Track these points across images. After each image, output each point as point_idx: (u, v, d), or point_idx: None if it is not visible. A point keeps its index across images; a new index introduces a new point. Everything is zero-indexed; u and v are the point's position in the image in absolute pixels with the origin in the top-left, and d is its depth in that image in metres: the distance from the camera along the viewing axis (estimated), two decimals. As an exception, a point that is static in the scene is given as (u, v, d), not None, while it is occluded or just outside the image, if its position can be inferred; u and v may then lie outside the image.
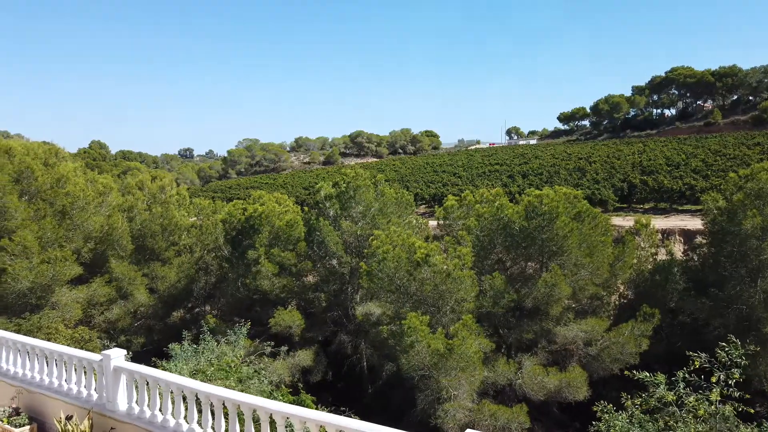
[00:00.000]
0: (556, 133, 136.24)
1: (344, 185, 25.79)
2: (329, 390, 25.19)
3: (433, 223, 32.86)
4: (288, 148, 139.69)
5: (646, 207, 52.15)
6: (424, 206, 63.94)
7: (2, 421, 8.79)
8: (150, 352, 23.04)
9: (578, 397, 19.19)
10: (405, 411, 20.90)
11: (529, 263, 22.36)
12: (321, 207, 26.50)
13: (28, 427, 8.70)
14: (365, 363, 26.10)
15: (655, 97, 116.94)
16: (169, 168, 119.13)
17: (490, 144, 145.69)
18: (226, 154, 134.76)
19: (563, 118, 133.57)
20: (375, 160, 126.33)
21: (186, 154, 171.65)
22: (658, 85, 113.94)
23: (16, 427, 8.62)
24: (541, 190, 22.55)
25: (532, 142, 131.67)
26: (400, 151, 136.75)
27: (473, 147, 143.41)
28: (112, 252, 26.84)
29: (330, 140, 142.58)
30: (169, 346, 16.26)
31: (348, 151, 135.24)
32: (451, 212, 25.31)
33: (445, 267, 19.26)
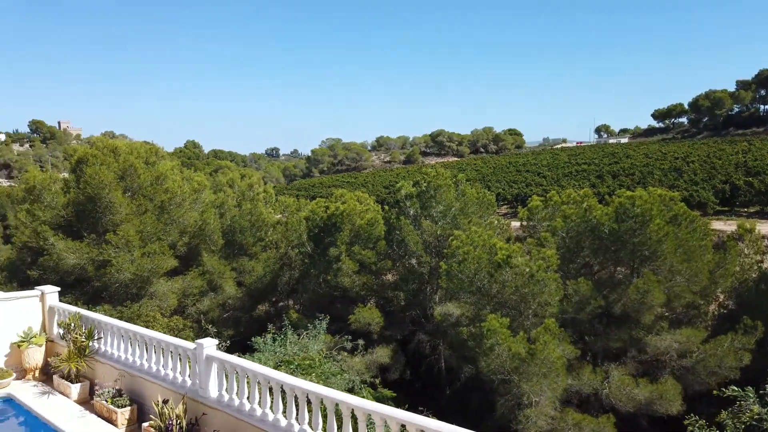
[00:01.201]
0: (650, 131, 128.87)
1: (425, 184, 25.74)
2: (406, 389, 25.24)
3: (515, 224, 32.12)
4: (369, 148, 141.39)
5: (751, 211, 48.25)
6: (506, 207, 62.66)
7: (107, 401, 9.50)
8: (237, 344, 24.11)
9: (671, 411, 18.05)
10: (484, 415, 20.56)
11: (619, 268, 21.30)
12: (401, 206, 26.59)
13: (129, 408, 9.34)
14: (443, 364, 25.93)
15: (763, 92, 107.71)
16: (256, 167, 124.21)
17: (577, 143, 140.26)
18: (309, 154, 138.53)
19: (658, 115, 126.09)
20: (456, 159, 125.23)
21: (272, 153, 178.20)
22: (766, 79, 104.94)
23: (118, 407, 9.29)
24: (632, 191, 21.40)
25: (624, 140, 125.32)
26: (482, 150, 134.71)
27: (559, 146, 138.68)
28: (204, 246, 28.30)
29: (410, 139, 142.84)
30: (253, 339, 16.95)
31: (428, 151, 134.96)
32: (535, 213, 24.59)
33: (527, 269, 18.74)
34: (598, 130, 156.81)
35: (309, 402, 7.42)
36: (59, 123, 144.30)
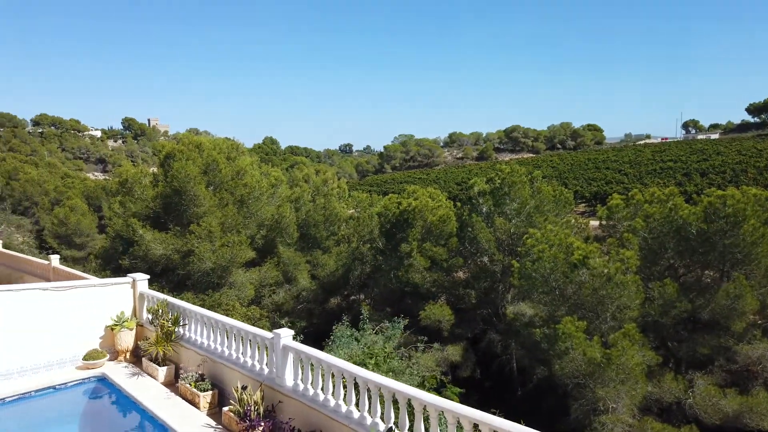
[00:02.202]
0: (744, 127, 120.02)
1: (498, 181, 25.30)
2: (476, 387, 24.98)
3: (594, 223, 30.91)
4: (441, 144, 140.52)
5: None
6: (584, 205, 60.51)
7: (190, 385, 10.02)
8: (310, 335, 24.76)
9: (762, 426, 16.84)
10: (556, 418, 19.99)
11: (707, 271, 20.08)
12: (474, 203, 26.28)
13: (210, 392, 9.81)
14: (515, 364, 25.44)
15: None
16: (330, 162, 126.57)
17: (662, 139, 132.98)
18: (382, 150, 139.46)
19: (753, 109, 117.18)
20: (531, 155, 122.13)
21: (345, 150, 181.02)
22: None
23: (201, 391, 9.78)
24: (723, 190, 20.07)
25: (714, 136, 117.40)
26: (559, 146, 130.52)
27: (642, 142, 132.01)
28: (280, 239, 29.20)
29: (484, 135, 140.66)
30: (335, 328, 17.32)
31: (502, 147, 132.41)
32: (615, 212, 23.57)
33: (605, 270, 18.02)
34: (685, 126, 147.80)
35: (381, 396, 7.50)
36: (149, 120, 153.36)
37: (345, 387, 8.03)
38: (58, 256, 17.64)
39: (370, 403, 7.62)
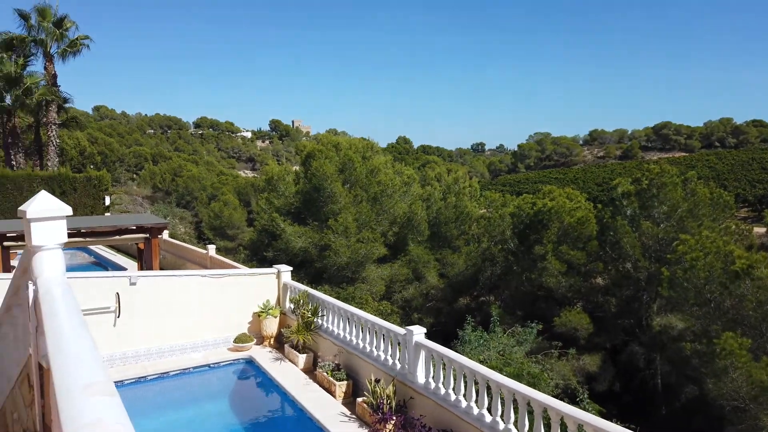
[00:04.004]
0: None
1: (646, 182, 23.46)
2: (615, 402, 23.41)
3: (759, 230, 27.52)
4: (581, 142, 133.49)
5: None
6: (746, 209, 54.21)
7: (327, 373, 10.50)
8: (437, 333, 24.81)
9: None
10: (708, 443, 18.13)
11: None
12: (617, 205, 24.65)
13: (345, 382, 10.21)
14: (659, 380, 23.45)
15: None
16: (462, 161, 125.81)
17: None
18: (516, 148, 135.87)
19: None
20: (683, 154, 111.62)
21: (477, 149, 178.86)
22: None
23: (337, 380, 10.21)
24: None
25: None
26: (717, 144, 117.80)
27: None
28: (411, 236, 29.60)
29: (629, 132, 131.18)
30: (463, 328, 17.21)
31: (650, 145, 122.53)
32: (787, 218, 20.76)
33: (775, 284, 15.93)
34: None
35: (515, 402, 7.28)
36: (293, 122, 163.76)
37: (477, 389, 7.92)
38: (214, 246, 19.42)
39: (502, 409, 7.43)
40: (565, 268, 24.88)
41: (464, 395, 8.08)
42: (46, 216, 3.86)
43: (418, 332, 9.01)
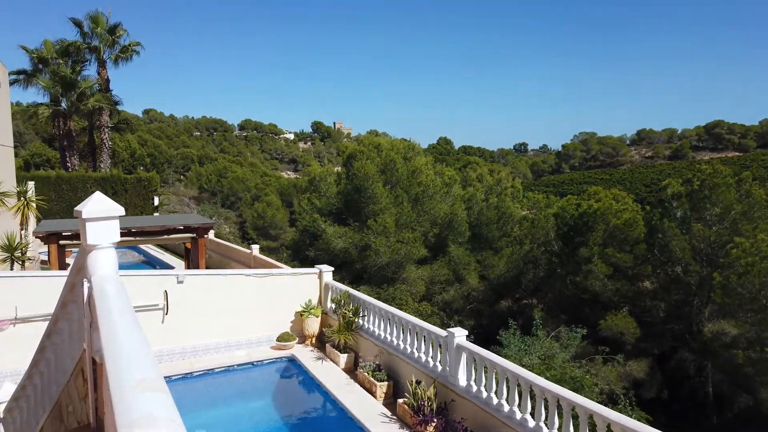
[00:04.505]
0: None
1: (697, 182, 22.64)
2: (663, 409, 22.68)
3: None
4: (628, 142, 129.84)
5: None
6: (805, 211, 51.50)
7: (368, 374, 10.54)
8: (478, 336, 24.58)
9: None
10: (763, 456, 17.34)
11: None
12: (666, 206, 23.88)
13: (386, 383, 10.22)
14: (711, 389, 22.57)
15: None
16: (504, 162, 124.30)
17: None
18: (559, 149, 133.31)
19: None
20: (737, 154, 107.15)
21: (520, 149, 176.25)
22: None
23: (377, 380, 10.23)
24: None
25: None
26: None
27: None
28: (451, 237, 29.42)
29: (679, 132, 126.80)
30: (503, 332, 17.00)
31: (701, 145, 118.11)
32: None
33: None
34: None
35: (559, 407, 7.13)
36: (334, 123, 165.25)
37: (519, 393, 7.79)
38: (257, 246, 19.76)
39: (546, 414, 7.30)
40: (612, 271, 24.26)
41: (506, 399, 7.97)
42: (101, 216, 4.01)
43: (460, 334, 8.94)
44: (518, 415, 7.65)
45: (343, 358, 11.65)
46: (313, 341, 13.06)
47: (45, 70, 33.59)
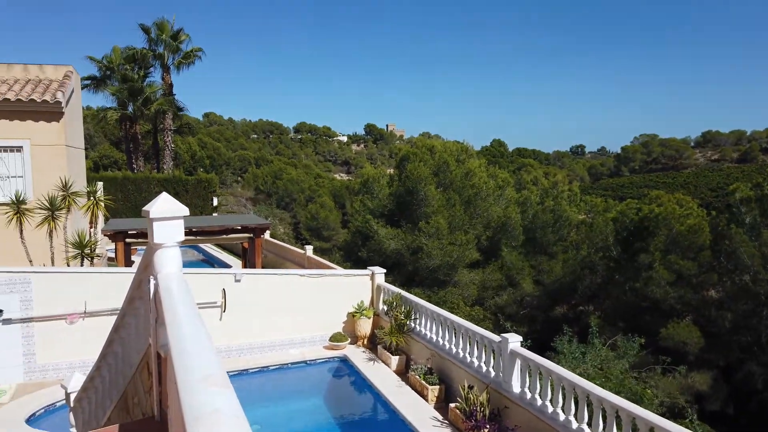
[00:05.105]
0: None
1: (769, 187, 21.43)
2: (728, 425, 21.56)
3: None
4: (692, 144, 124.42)
5: None
6: None
7: (420, 376, 10.52)
8: (531, 342, 24.05)
9: None
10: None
11: None
12: (734, 212, 22.75)
13: (438, 386, 10.17)
14: (783, 405, 21.28)
15: None
16: (560, 165, 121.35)
17: None
18: (618, 151, 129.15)
19: None
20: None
21: (577, 151, 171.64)
22: None
23: (429, 384, 10.20)
24: None
25: None
26: None
27: None
28: (505, 241, 28.96)
29: (748, 134, 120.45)
30: (557, 339, 16.58)
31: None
32: None
33: None
34: None
35: (618, 419, 6.90)
36: (387, 126, 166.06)
37: (575, 402, 7.59)
38: (311, 247, 20.09)
39: (604, 425, 7.07)
40: (674, 279, 23.28)
41: (562, 408, 7.78)
42: (167, 216, 4.17)
43: (514, 340, 8.79)
44: (574, 425, 7.45)
45: (394, 360, 11.67)
46: (365, 342, 13.15)
47: (113, 76, 35.33)
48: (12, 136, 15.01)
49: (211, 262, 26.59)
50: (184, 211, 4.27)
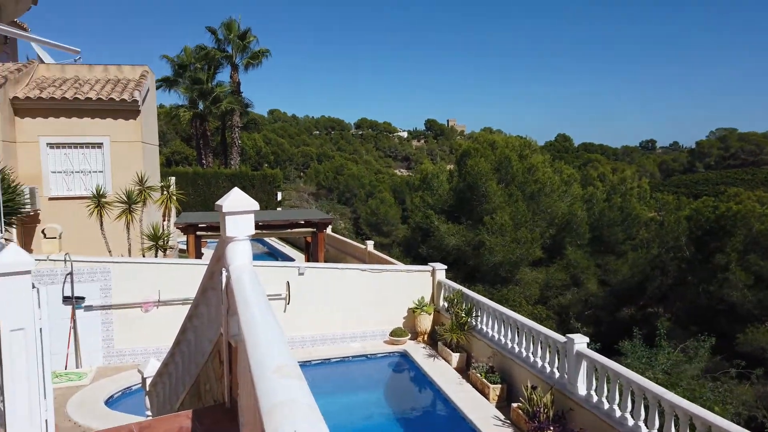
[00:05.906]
0: None
1: None
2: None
3: None
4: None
5: None
6: None
7: (481, 375, 10.41)
8: (596, 343, 23.28)
9: None
10: None
11: None
12: (823, 211, 21.12)
13: (500, 385, 10.03)
14: None
15: None
16: (629, 160, 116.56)
17: None
18: (692, 146, 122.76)
19: None
20: None
21: (647, 146, 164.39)
22: None
23: (491, 383, 10.08)
24: None
25: None
26: None
27: None
28: (569, 239, 28.14)
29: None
30: (623, 342, 15.98)
31: None
32: None
33: None
34: None
35: (692, 426, 6.59)
36: (448, 121, 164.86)
37: (644, 407, 7.30)
38: (372, 242, 20.26)
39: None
40: (753, 281, 21.94)
41: (631, 412, 7.50)
42: (239, 210, 4.33)
43: (580, 341, 8.55)
44: (644, 431, 7.17)
45: (455, 357, 11.61)
46: (425, 338, 13.15)
47: (184, 75, 36.83)
48: (94, 134, 15.94)
49: (275, 255, 27.31)
50: (255, 205, 4.41)
